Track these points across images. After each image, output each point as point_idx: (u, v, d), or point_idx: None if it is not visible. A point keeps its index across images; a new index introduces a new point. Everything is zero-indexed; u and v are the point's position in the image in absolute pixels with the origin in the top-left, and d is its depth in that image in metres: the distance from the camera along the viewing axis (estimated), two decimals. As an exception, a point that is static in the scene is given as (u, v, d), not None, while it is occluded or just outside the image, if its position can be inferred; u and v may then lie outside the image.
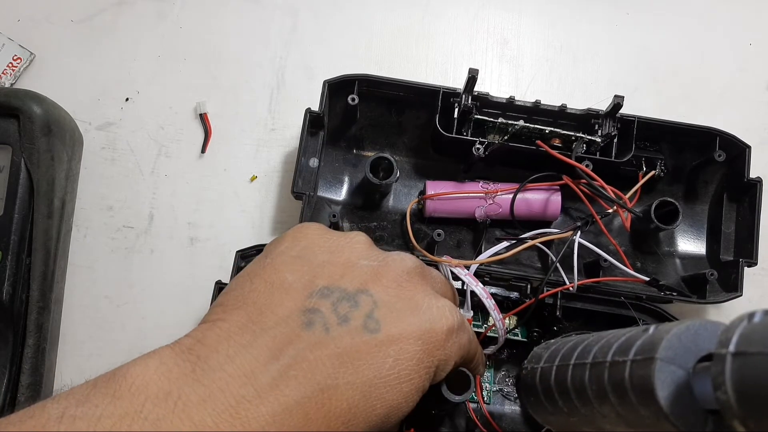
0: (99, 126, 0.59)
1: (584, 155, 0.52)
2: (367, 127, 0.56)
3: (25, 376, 0.50)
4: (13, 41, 0.59)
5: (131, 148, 0.59)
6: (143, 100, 0.60)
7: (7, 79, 0.59)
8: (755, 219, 0.52)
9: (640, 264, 0.55)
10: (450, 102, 0.52)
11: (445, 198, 0.54)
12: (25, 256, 0.51)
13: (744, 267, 0.51)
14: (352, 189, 0.56)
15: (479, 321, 0.52)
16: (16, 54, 0.59)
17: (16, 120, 0.52)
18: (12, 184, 0.51)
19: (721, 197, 0.55)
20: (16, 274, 0.50)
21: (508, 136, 0.52)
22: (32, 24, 0.61)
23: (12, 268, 0.50)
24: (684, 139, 0.54)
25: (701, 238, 0.56)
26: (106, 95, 0.60)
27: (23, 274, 0.51)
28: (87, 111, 0.59)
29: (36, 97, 0.53)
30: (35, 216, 0.52)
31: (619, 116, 0.52)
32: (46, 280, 0.52)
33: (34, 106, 0.52)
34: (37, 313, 0.51)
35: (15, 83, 0.59)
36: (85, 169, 0.58)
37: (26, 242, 0.51)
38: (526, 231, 0.54)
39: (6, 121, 0.52)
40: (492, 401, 0.52)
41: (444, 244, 0.54)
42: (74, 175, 0.57)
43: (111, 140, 0.59)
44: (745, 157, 0.52)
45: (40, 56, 0.60)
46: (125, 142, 0.59)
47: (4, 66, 0.59)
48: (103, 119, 0.60)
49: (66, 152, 0.54)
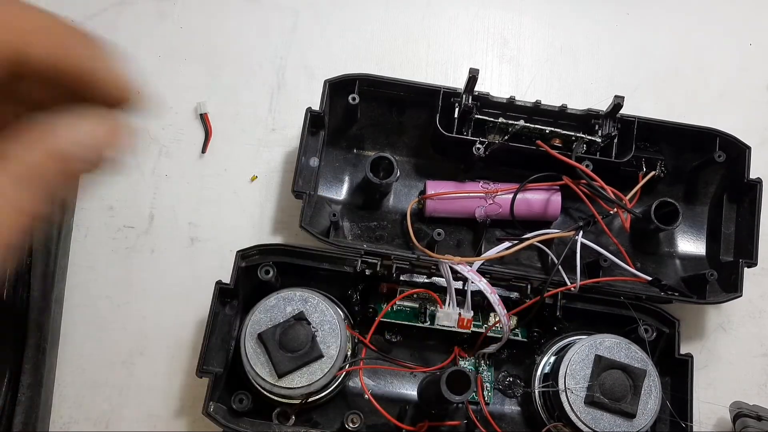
0: None
1: (584, 155, 0.52)
2: (367, 127, 0.56)
3: (26, 376, 0.50)
4: None
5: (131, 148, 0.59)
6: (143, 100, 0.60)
7: None
8: (755, 219, 0.52)
9: (640, 264, 0.55)
10: (450, 102, 0.52)
11: (445, 198, 0.54)
12: (26, 256, 0.51)
13: (744, 267, 0.51)
14: (352, 188, 0.56)
15: (479, 321, 0.51)
16: None
17: None
18: None
19: (721, 198, 0.55)
20: (16, 274, 0.50)
21: (509, 136, 0.52)
22: None
23: (12, 268, 0.50)
24: (684, 140, 0.54)
25: (701, 239, 0.56)
26: None
27: (24, 274, 0.51)
28: None
29: None
30: None
31: (619, 117, 0.52)
32: (47, 279, 0.52)
33: None
34: (38, 313, 0.51)
35: None
36: None
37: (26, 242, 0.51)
38: (526, 231, 0.54)
39: None
40: (492, 401, 0.52)
41: (444, 244, 0.54)
42: None
43: None
44: (746, 157, 0.52)
45: None
46: None
47: None
48: None
49: None
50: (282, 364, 0.45)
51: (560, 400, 0.46)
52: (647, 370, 0.46)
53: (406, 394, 0.52)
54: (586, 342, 0.47)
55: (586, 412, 0.45)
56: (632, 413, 0.45)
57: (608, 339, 0.47)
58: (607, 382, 0.46)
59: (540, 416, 0.49)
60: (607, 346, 0.47)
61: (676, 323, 0.50)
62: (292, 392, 0.45)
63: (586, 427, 0.45)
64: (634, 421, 0.45)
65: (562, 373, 0.46)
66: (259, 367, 0.45)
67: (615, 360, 0.46)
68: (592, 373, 0.46)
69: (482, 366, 0.53)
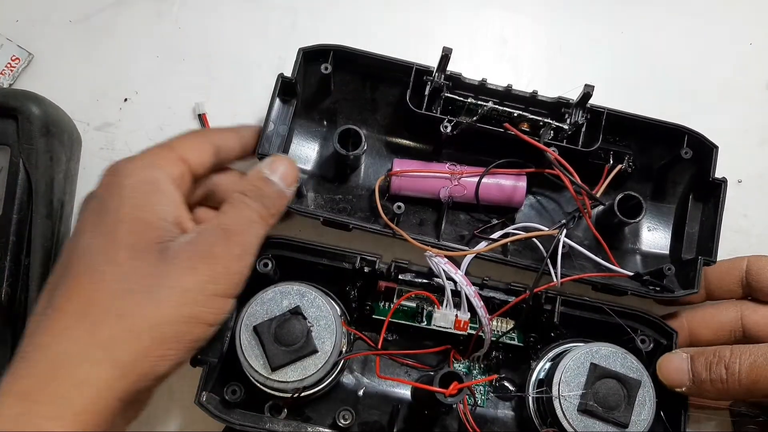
0: (97, 126, 0.60)
1: (551, 141, 0.52)
2: (341, 101, 0.57)
3: None
4: (11, 42, 0.60)
5: (130, 148, 0.60)
6: (142, 100, 0.61)
7: (6, 79, 0.59)
8: (717, 218, 0.51)
9: (602, 257, 0.55)
10: (423, 80, 0.52)
11: (412, 176, 0.54)
12: (24, 256, 0.52)
13: (702, 264, 0.50)
14: (322, 161, 0.56)
15: (476, 324, 0.51)
16: (14, 54, 0.60)
17: (15, 121, 0.52)
18: (10, 185, 0.51)
19: (688, 197, 0.55)
20: (14, 275, 0.51)
21: (478, 117, 0.52)
22: (30, 24, 0.61)
23: (11, 269, 0.50)
24: (653, 136, 0.54)
25: (666, 237, 0.56)
26: (104, 96, 0.60)
27: (22, 275, 0.51)
28: (85, 111, 0.60)
29: (34, 97, 0.54)
30: (34, 217, 0.52)
31: (589, 106, 0.52)
32: (45, 280, 0.51)
33: (33, 106, 0.52)
34: None
35: (13, 84, 0.60)
36: (84, 170, 0.59)
37: (25, 243, 0.52)
38: (491, 216, 0.54)
39: (4, 121, 0.52)
40: (485, 404, 0.52)
41: (407, 222, 0.54)
42: (73, 175, 0.57)
43: (110, 141, 0.60)
44: (712, 157, 0.52)
45: (39, 57, 0.61)
46: (124, 142, 0.60)
47: (2, 66, 0.59)
48: (102, 120, 0.60)
49: (64, 153, 0.55)
50: (276, 357, 0.45)
51: (553, 407, 0.46)
52: (642, 381, 0.46)
53: (399, 394, 0.52)
54: (583, 350, 0.47)
55: (579, 420, 0.45)
56: (625, 423, 0.45)
57: (605, 348, 0.47)
58: (601, 391, 0.46)
59: (533, 422, 0.49)
60: (603, 354, 0.47)
61: (674, 335, 0.50)
62: (285, 386, 0.45)
63: None
64: (626, 431, 0.45)
65: (556, 380, 0.46)
66: (253, 359, 0.45)
67: (610, 369, 0.46)
68: (587, 381, 0.46)
69: (476, 369, 0.53)
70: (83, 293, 0.39)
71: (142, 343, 0.38)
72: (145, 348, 0.38)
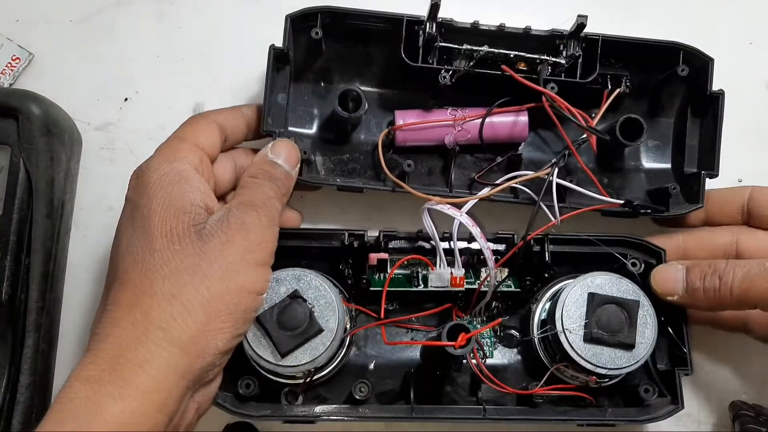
0: (98, 126, 0.59)
1: (550, 77, 0.52)
2: (334, 59, 0.56)
3: (25, 376, 0.51)
4: (11, 41, 0.59)
5: (130, 148, 0.59)
6: (142, 100, 0.60)
7: (6, 79, 0.58)
8: (716, 131, 0.52)
9: (607, 180, 0.56)
10: (415, 30, 0.52)
11: (415, 127, 0.54)
12: (24, 256, 0.52)
13: (705, 179, 0.52)
14: (322, 122, 0.56)
15: (471, 278, 0.52)
16: (14, 54, 0.59)
17: (15, 120, 0.52)
18: (11, 185, 0.51)
19: (686, 111, 0.56)
20: (15, 275, 0.51)
21: (474, 62, 0.52)
22: (31, 24, 0.60)
23: (11, 269, 0.51)
24: (648, 55, 0.54)
25: (666, 152, 0.57)
26: (104, 95, 0.60)
27: (22, 274, 0.52)
28: (86, 111, 0.59)
29: (35, 97, 0.53)
30: (34, 216, 0.52)
31: (583, 36, 0.52)
32: (46, 280, 0.53)
33: (33, 106, 0.52)
34: (36, 314, 0.52)
35: (14, 83, 0.59)
36: (84, 170, 0.59)
37: (25, 242, 0.52)
38: (497, 155, 0.55)
39: (5, 121, 0.52)
40: (493, 355, 0.55)
41: (416, 173, 0.55)
42: (73, 175, 0.57)
43: (110, 140, 0.59)
44: (708, 70, 0.52)
45: (39, 56, 0.59)
46: (124, 142, 0.59)
47: (2, 66, 0.58)
48: (102, 119, 0.59)
49: (65, 152, 0.54)
50: (283, 343, 0.46)
51: (560, 342, 0.48)
52: (640, 301, 0.48)
53: (409, 360, 0.54)
54: (578, 282, 0.49)
55: (587, 349, 0.47)
56: (631, 344, 0.47)
57: (599, 276, 0.49)
58: (603, 318, 0.47)
59: (542, 361, 0.51)
60: (599, 283, 0.49)
61: (662, 252, 0.51)
62: (297, 370, 0.46)
63: (589, 363, 0.47)
64: (633, 351, 0.47)
65: (558, 316, 0.48)
66: (261, 349, 0.46)
67: (608, 295, 0.48)
68: (588, 311, 0.48)
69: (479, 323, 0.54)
70: (133, 284, 0.41)
71: (197, 319, 0.40)
72: (200, 323, 0.40)
